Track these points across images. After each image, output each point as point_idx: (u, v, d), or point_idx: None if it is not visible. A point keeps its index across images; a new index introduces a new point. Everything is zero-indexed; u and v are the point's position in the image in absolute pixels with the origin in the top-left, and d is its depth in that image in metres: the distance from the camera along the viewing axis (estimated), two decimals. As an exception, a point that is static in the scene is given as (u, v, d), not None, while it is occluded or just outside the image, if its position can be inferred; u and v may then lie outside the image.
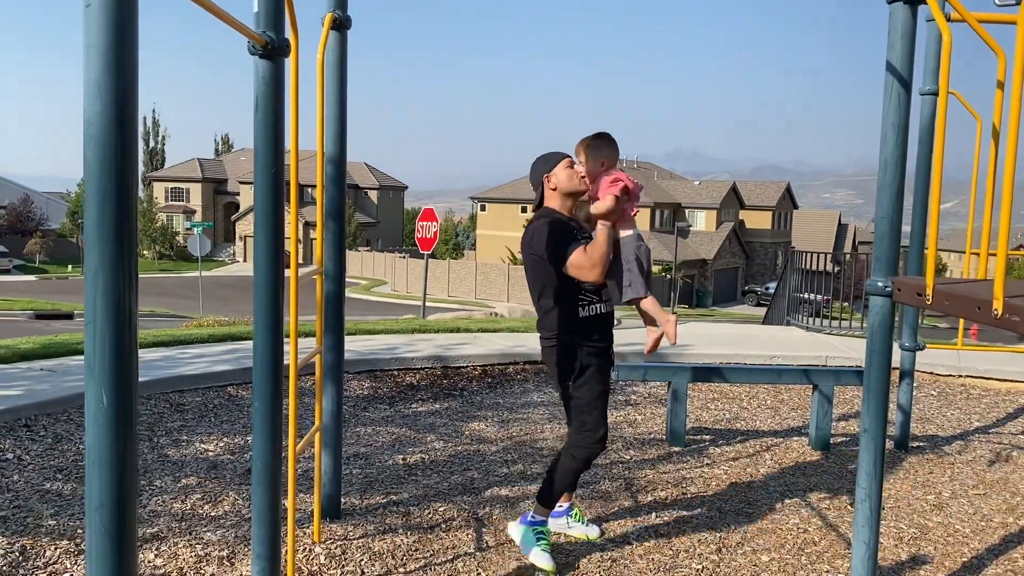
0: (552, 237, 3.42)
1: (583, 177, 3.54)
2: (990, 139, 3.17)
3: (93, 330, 1.73)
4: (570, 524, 3.93)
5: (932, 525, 4.31)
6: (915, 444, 5.77)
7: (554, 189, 3.55)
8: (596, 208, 3.43)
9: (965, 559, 3.90)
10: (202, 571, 3.35)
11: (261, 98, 2.60)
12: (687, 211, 56.35)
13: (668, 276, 44.27)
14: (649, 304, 3.59)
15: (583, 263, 3.37)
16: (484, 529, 3.97)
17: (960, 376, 7.63)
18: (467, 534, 3.90)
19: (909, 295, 3.00)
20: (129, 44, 1.67)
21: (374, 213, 67.27)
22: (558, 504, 3.90)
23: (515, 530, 3.71)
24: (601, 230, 3.40)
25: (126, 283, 1.75)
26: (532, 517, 3.64)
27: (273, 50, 2.56)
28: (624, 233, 3.51)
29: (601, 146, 3.52)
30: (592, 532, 3.94)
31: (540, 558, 3.53)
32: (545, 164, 3.57)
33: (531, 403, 6.54)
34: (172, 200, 68.61)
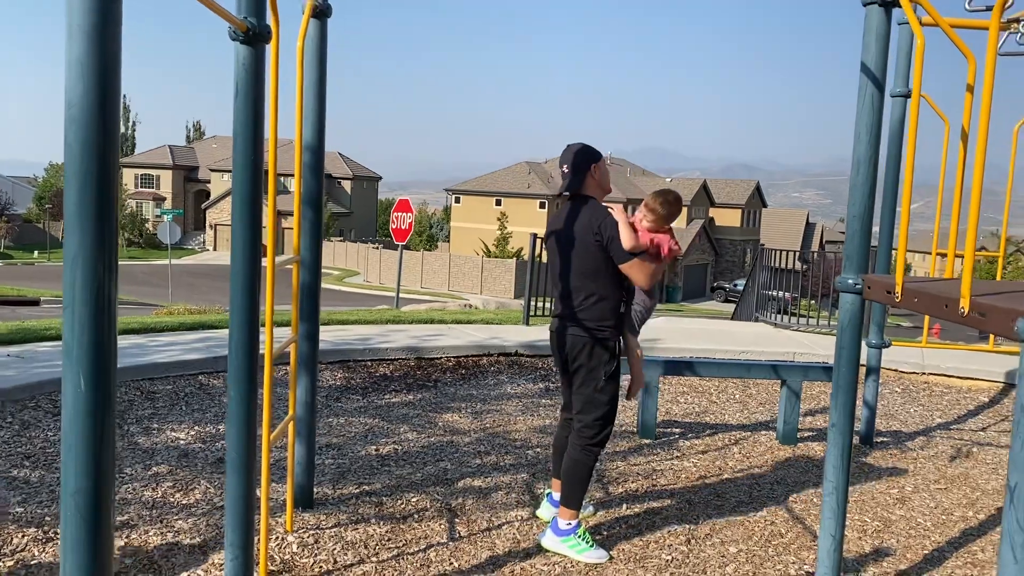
0: (616, 225, 3.57)
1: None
2: (958, 142, 3.24)
3: (71, 314, 1.73)
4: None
5: (895, 518, 4.41)
6: (879, 439, 5.88)
7: (595, 180, 3.70)
8: (633, 242, 3.59)
9: (926, 551, 3.99)
10: (173, 559, 3.34)
11: (241, 84, 2.58)
12: (659, 207, 56.58)
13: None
14: (633, 344, 3.86)
15: (645, 269, 3.59)
16: (457, 519, 4.00)
17: (924, 374, 7.78)
18: (440, 524, 3.92)
19: (879, 293, 3.06)
20: (113, 24, 1.66)
21: (347, 203, 66.83)
22: (558, 491, 3.92)
23: (550, 541, 3.70)
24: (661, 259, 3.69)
25: (106, 268, 1.74)
26: (567, 524, 3.67)
27: (254, 36, 2.55)
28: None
29: (674, 214, 3.74)
30: (588, 510, 4.14)
31: (597, 556, 3.65)
32: (591, 155, 3.70)
33: (505, 395, 6.57)
34: (142, 187, 67.64)
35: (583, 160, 3.68)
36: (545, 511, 4.06)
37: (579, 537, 3.65)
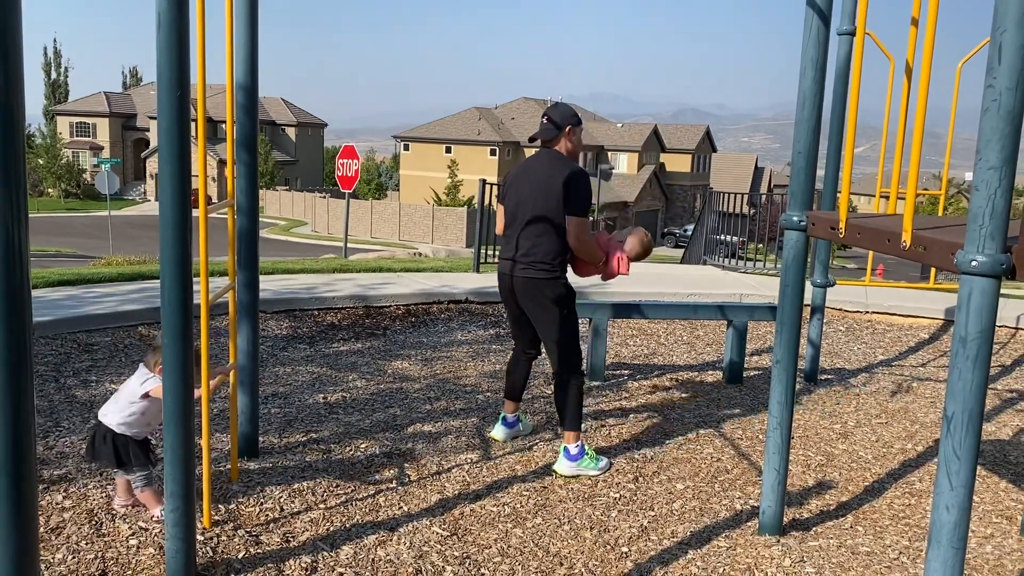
0: (589, 194, 3.90)
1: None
2: (903, 79, 3.23)
3: (-21, 257, 1.62)
4: (522, 428, 4.44)
5: (838, 452, 4.51)
6: (824, 377, 6.00)
7: (569, 142, 3.94)
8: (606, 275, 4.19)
9: (867, 483, 4.10)
10: (113, 512, 3.26)
11: (164, 15, 2.43)
12: (610, 153, 56.62)
13: (591, 218, 44.64)
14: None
15: (585, 241, 3.90)
16: (406, 464, 3.98)
17: (867, 312, 7.94)
18: (389, 469, 3.90)
19: (823, 229, 3.07)
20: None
21: (292, 151, 65.49)
22: (509, 412, 4.34)
23: (568, 467, 3.97)
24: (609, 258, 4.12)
25: (14, 217, 1.63)
26: (576, 448, 3.98)
27: (175, -37, 2.39)
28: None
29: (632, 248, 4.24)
30: (527, 428, 4.50)
31: (604, 465, 4.05)
32: (572, 118, 3.95)
33: (454, 342, 6.54)
34: (78, 135, 65.22)
35: (563, 119, 3.93)
36: (499, 432, 4.34)
37: (589, 457, 4.01)
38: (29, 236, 1.67)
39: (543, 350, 4.24)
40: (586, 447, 4.05)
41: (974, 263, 2.05)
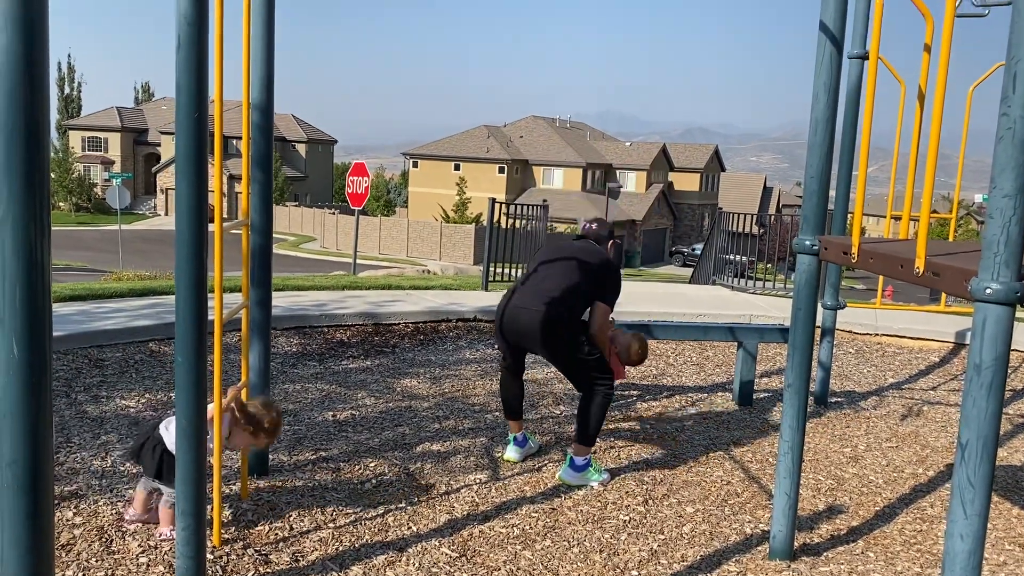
0: (620, 287, 4.38)
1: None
2: (914, 104, 3.24)
3: (2, 278, 1.63)
4: (530, 445, 4.49)
5: (848, 476, 4.49)
6: (834, 400, 5.98)
7: (607, 249, 4.44)
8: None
9: (878, 508, 4.07)
10: (123, 529, 3.26)
11: (184, 37, 2.46)
12: (618, 172, 56.73)
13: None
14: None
15: (604, 328, 4.25)
16: (415, 483, 3.97)
17: (877, 335, 7.91)
18: (398, 489, 3.90)
19: (835, 254, 3.07)
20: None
21: (302, 167, 65.79)
22: (517, 431, 4.41)
23: (572, 476, 4.10)
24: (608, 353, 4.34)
25: (38, 229, 1.65)
26: (583, 460, 4.11)
27: (196, -14, 2.43)
28: None
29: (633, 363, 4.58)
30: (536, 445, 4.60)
31: (606, 478, 4.16)
32: (613, 231, 4.58)
33: (463, 360, 6.54)
34: (89, 150, 65.65)
35: (609, 233, 4.53)
36: (513, 452, 4.38)
37: (593, 468, 4.13)
38: (51, 256, 1.69)
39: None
40: (593, 460, 4.17)
41: (988, 291, 2.05)
